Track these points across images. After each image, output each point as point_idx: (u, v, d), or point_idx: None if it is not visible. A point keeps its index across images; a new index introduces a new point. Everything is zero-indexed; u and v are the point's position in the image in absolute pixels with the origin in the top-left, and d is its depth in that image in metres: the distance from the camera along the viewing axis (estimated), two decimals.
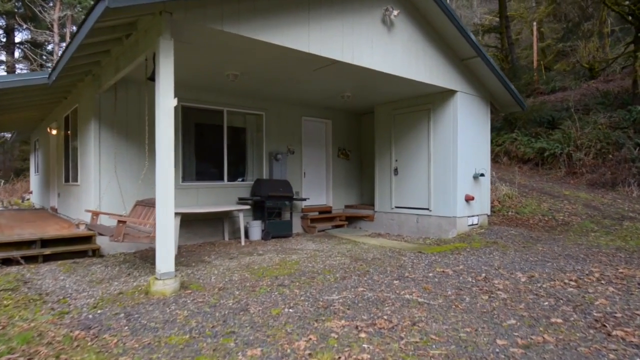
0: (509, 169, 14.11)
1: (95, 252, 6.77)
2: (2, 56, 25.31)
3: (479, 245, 7.16)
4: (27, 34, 24.08)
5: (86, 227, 6.94)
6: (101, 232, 5.79)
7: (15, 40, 24.93)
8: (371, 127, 10.51)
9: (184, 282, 5.01)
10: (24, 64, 24.28)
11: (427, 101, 8.75)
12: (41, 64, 21.59)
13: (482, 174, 8.70)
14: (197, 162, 8.52)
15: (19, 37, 25.17)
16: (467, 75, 8.46)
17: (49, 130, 10.96)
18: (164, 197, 4.58)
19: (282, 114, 9.67)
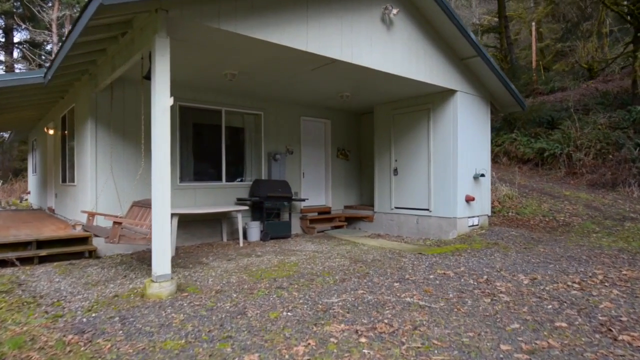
0: (509, 169, 14.05)
1: (92, 253, 6.69)
2: (1, 56, 25.22)
3: (480, 246, 7.09)
4: (26, 34, 24.00)
5: (82, 228, 6.86)
6: (97, 234, 5.70)
7: (14, 40, 24.84)
8: (371, 127, 10.44)
9: (180, 285, 4.93)
10: (22, 64, 24.19)
11: (427, 101, 8.68)
12: (40, 64, 21.49)
13: (482, 175, 8.63)
14: (195, 162, 8.44)
15: (17, 37, 25.12)
16: (467, 74, 8.39)
17: (46, 130, 10.88)
18: (160, 198, 4.50)
19: (281, 114, 9.59)
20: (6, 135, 19.33)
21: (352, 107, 10.49)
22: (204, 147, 8.54)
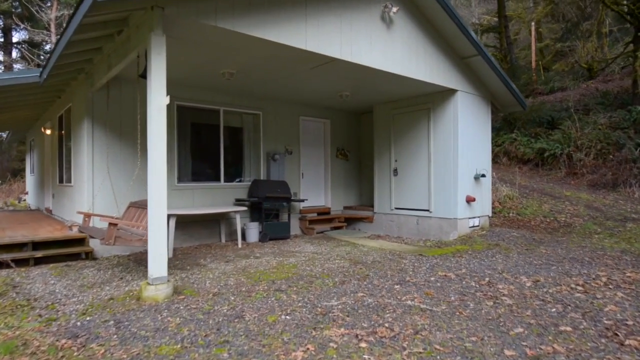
0: (509, 170, 13.98)
1: (89, 254, 6.61)
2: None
3: (481, 247, 7.01)
4: (25, 34, 23.88)
5: (78, 229, 6.77)
6: (92, 235, 5.61)
7: (13, 40, 24.73)
8: (370, 127, 10.35)
9: (177, 287, 4.84)
10: (21, 64, 24.09)
11: (427, 100, 8.60)
12: (38, 64, 21.39)
13: (483, 175, 8.55)
14: (193, 162, 8.35)
15: (16, 37, 25.01)
16: (467, 74, 8.31)
17: (44, 130, 10.79)
18: (157, 198, 4.41)
19: (280, 114, 9.51)
20: (4, 135, 19.24)
21: (351, 107, 10.41)
22: (202, 147, 8.45)
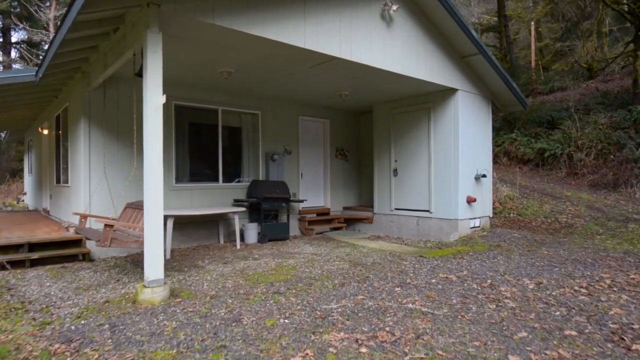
0: (509, 170, 13.92)
1: (86, 256, 6.53)
2: None
3: (482, 248, 6.94)
4: (24, 34, 23.77)
5: (75, 230, 6.69)
6: (88, 236, 5.52)
7: (12, 40, 24.62)
8: (370, 126, 10.27)
9: (174, 290, 4.76)
10: (20, 64, 23.98)
11: (427, 100, 8.52)
12: (37, 63, 21.27)
13: (484, 175, 8.48)
14: (191, 162, 8.26)
15: (15, 36, 24.89)
16: (468, 73, 8.24)
17: (41, 130, 10.70)
18: (153, 199, 4.32)
19: (279, 113, 9.42)
20: (2, 135, 19.15)
21: (351, 107, 10.33)
22: (201, 147, 8.37)
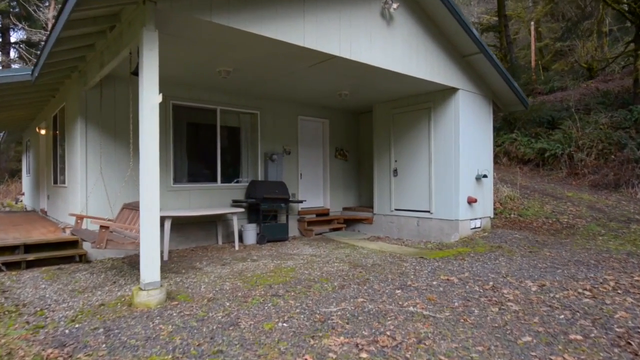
0: (509, 170, 13.85)
1: (82, 257, 6.45)
2: None
3: (483, 250, 6.86)
4: (22, 34, 23.68)
5: (71, 231, 6.61)
6: (84, 238, 5.44)
7: (11, 40, 24.52)
8: (370, 126, 10.20)
9: (171, 292, 4.68)
10: (19, 63, 23.88)
11: (428, 99, 8.45)
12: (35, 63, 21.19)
13: (484, 175, 8.40)
14: (189, 162, 8.18)
15: (14, 36, 24.80)
16: (469, 72, 8.16)
17: (38, 130, 10.62)
18: (149, 200, 4.24)
19: (278, 113, 9.34)
20: (0, 135, 19.06)
21: (350, 106, 10.25)
22: (199, 147, 8.29)
